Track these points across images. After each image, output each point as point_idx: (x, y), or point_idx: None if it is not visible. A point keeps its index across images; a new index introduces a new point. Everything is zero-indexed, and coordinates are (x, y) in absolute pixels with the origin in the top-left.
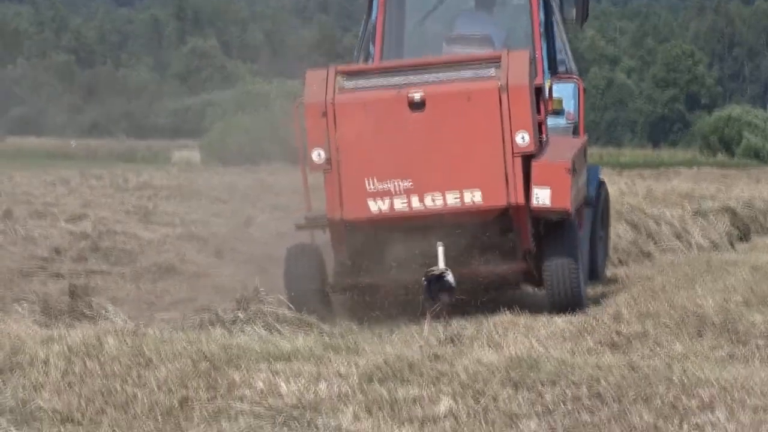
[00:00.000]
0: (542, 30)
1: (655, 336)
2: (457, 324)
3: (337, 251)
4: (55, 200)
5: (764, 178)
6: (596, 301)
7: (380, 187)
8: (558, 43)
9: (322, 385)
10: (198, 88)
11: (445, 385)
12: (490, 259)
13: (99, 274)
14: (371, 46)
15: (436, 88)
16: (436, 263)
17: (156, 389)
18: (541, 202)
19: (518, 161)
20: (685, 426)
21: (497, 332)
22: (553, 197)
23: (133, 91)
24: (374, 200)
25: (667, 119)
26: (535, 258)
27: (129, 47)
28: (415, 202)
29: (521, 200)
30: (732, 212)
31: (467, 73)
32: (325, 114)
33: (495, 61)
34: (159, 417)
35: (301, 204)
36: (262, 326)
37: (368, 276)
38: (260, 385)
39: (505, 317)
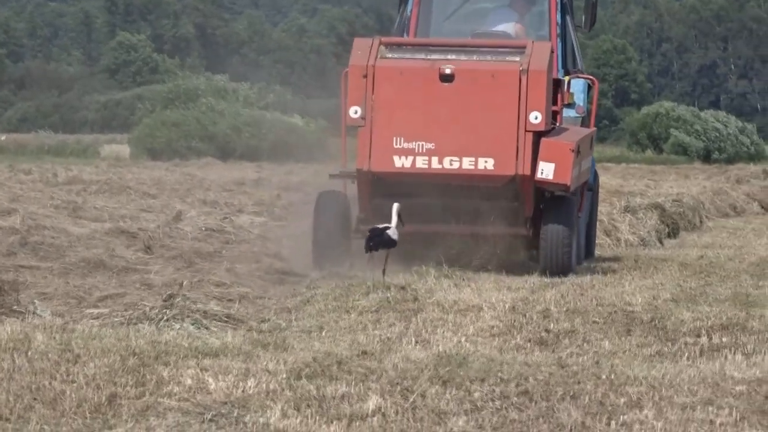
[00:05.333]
0: (559, 31)
1: (583, 333)
2: (386, 320)
3: (361, 200)
4: None
5: (693, 175)
6: (524, 298)
7: (406, 145)
8: (570, 44)
9: (251, 382)
10: (127, 82)
11: (374, 382)
12: (494, 222)
13: (27, 269)
14: (405, 36)
15: (465, 65)
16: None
17: (84, 385)
18: (544, 175)
19: (529, 137)
20: (613, 424)
21: (426, 329)
22: (556, 172)
23: (64, 84)
24: (399, 157)
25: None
26: (535, 226)
27: (59, 41)
28: (435, 163)
29: (528, 171)
30: (661, 209)
31: (494, 56)
32: (365, 76)
33: (521, 48)
34: (87, 413)
35: (232, 200)
36: (190, 323)
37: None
38: (188, 381)
39: (433, 314)
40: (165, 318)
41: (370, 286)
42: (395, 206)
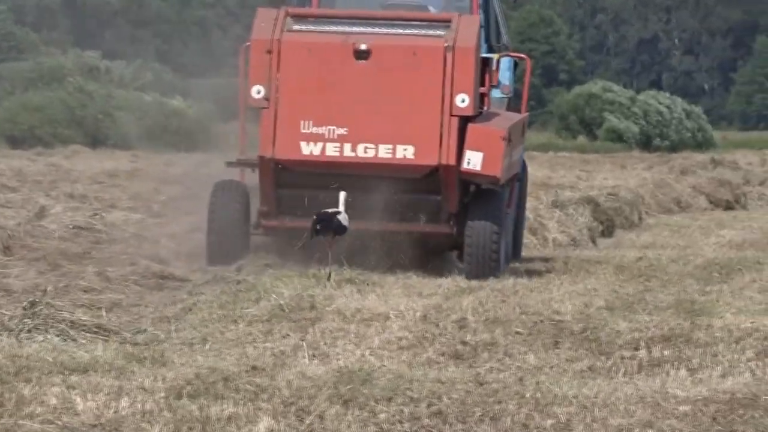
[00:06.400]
0: (480, 1)
1: (505, 346)
2: (278, 331)
3: (264, 191)
4: None
5: (630, 164)
6: (437, 306)
7: (315, 130)
8: (493, 16)
9: (124, 402)
10: None
11: (265, 401)
12: (414, 218)
13: None
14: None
15: (382, 40)
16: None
17: None
18: (471, 166)
19: (455, 122)
20: None
21: (324, 341)
22: (484, 162)
23: None
24: (307, 143)
25: (518, 96)
26: (459, 224)
27: None
28: (347, 150)
29: (452, 161)
30: (594, 203)
31: (416, 30)
32: (270, 51)
33: (446, 22)
34: None
35: (103, 194)
36: (55, 334)
37: (293, 220)
38: (53, 401)
39: (333, 324)
40: (26, 329)
41: (260, 292)
42: (342, 195)
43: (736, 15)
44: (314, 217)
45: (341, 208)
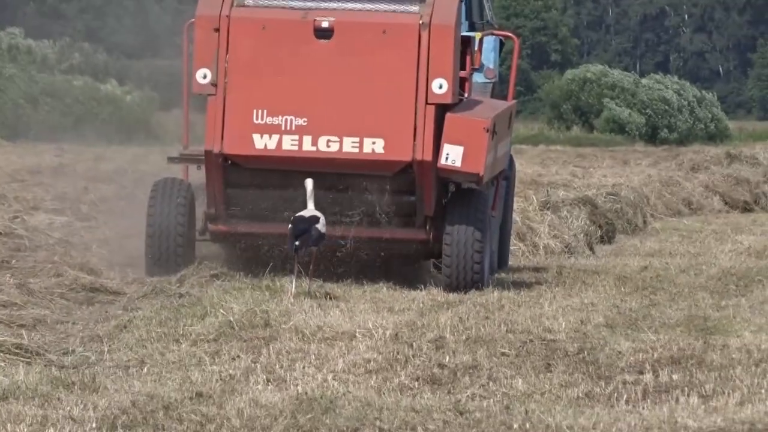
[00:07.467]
0: None
1: (489, 369)
2: (227, 351)
3: (211, 191)
4: None
5: (634, 159)
6: (410, 323)
7: (270, 120)
8: None
9: None
10: None
11: None
12: (384, 222)
13: None
14: None
15: (347, 16)
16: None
17: None
18: (450, 162)
19: (431, 112)
20: None
21: (280, 364)
22: (465, 158)
23: None
24: (261, 135)
25: (504, 80)
26: (436, 229)
27: None
28: (307, 144)
29: (428, 156)
30: (591, 205)
31: (386, 5)
32: (217, 29)
33: None
34: None
35: (24, 194)
36: None
37: (244, 225)
38: None
39: (290, 344)
40: None
41: (206, 307)
42: (309, 182)
43: None
44: (290, 227)
45: (310, 200)
